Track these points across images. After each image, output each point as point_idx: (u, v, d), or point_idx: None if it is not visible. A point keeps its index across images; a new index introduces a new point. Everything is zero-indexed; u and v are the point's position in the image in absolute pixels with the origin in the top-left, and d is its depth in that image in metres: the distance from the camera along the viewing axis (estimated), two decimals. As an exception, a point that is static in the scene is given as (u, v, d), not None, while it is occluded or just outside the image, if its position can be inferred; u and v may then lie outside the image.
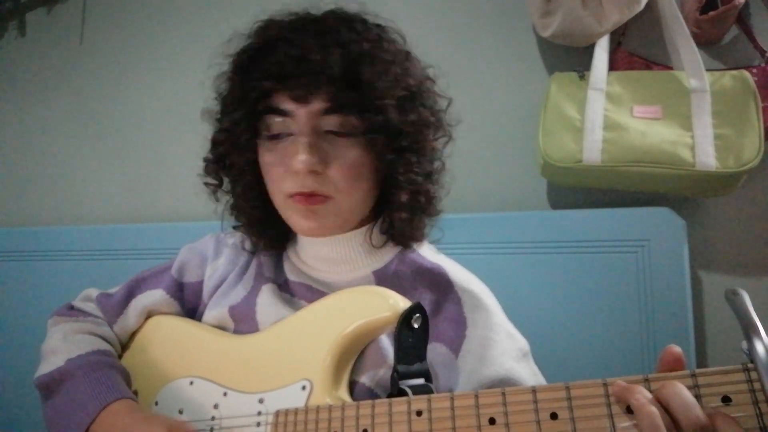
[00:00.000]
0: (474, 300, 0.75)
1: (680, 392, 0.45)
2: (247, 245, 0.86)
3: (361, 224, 0.79)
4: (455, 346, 0.72)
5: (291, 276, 0.82)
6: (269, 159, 0.74)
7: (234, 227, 0.85)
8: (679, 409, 0.44)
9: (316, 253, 0.81)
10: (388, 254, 0.80)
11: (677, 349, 0.49)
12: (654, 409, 0.45)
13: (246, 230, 0.84)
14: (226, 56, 0.77)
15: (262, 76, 0.70)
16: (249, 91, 0.71)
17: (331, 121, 0.71)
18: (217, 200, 0.83)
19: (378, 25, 0.77)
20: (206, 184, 0.82)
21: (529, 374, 0.72)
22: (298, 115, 0.71)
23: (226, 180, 0.82)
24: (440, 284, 0.77)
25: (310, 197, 0.71)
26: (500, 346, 0.71)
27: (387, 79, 0.69)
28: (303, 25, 0.72)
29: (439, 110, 0.79)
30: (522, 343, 0.75)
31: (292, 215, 0.75)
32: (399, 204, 0.74)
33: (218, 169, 0.80)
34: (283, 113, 0.71)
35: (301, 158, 0.68)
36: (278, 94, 0.71)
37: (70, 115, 1.71)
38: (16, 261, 1.58)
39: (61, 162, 1.72)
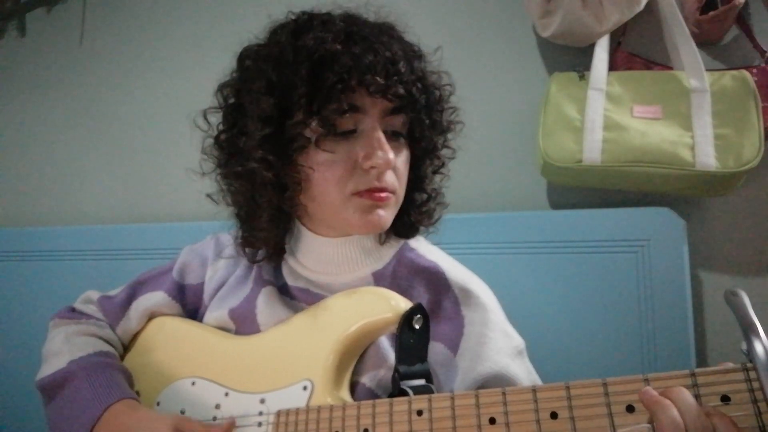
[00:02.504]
0: (471, 298, 0.75)
1: (686, 397, 0.46)
2: (248, 256, 0.82)
3: None
4: (454, 344, 0.73)
5: (289, 280, 0.82)
6: (328, 157, 0.70)
7: (236, 240, 0.82)
8: (686, 414, 0.45)
9: (319, 254, 0.79)
10: (386, 255, 0.80)
11: None
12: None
13: (251, 239, 0.80)
14: (252, 47, 0.75)
15: (356, 69, 0.67)
16: (334, 84, 0.66)
17: (396, 121, 0.73)
18: (229, 204, 0.80)
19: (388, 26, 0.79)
20: (207, 194, 0.80)
21: (523, 372, 0.72)
22: (370, 112, 0.70)
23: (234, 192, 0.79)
24: (438, 283, 0.77)
25: (381, 192, 0.71)
26: (495, 344, 0.72)
27: (439, 82, 0.77)
28: (369, 26, 0.73)
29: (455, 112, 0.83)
30: (518, 341, 0.75)
31: (354, 213, 0.71)
32: (427, 195, 0.81)
33: (248, 173, 0.73)
34: (357, 109, 0.69)
35: (386, 154, 0.69)
36: (358, 90, 0.68)
37: (70, 115, 1.71)
38: (16, 261, 1.58)
39: (61, 162, 1.72)
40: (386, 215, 0.73)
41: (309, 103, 0.67)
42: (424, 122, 0.74)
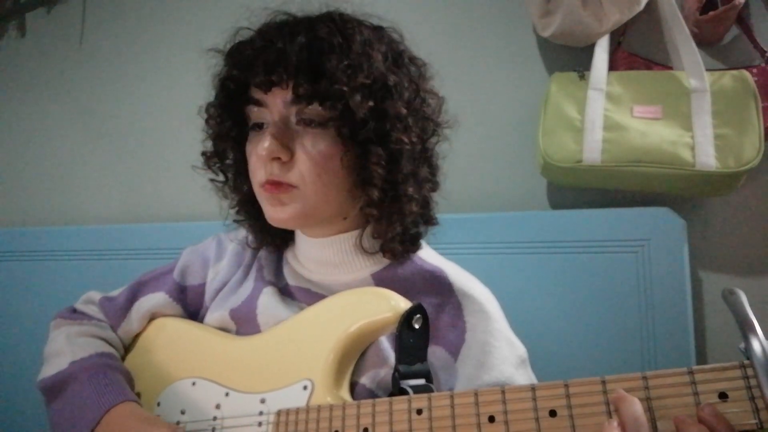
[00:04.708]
0: (474, 305, 0.75)
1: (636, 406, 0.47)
2: (251, 242, 0.86)
3: (354, 227, 0.79)
4: (454, 350, 0.73)
5: (290, 280, 0.82)
6: (248, 149, 0.76)
7: (235, 221, 0.85)
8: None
9: (309, 255, 0.81)
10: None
11: None
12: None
13: (249, 227, 0.84)
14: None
15: (234, 67, 0.73)
16: (227, 82, 0.74)
17: (298, 111, 0.71)
18: (226, 197, 0.83)
19: (372, 27, 0.76)
20: (212, 180, 0.82)
21: (526, 382, 0.73)
22: (269, 105, 0.72)
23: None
24: (441, 287, 0.77)
25: (275, 185, 0.71)
26: (500, 353, 0.72)
27: (350, 68, 0.68)
28: (284, 23, 0.74)
29: (425, 109, 0.76)
30: (521, 350, 0.75)
31: (264, 204, 0.75)
32: (371, 201, 0.72)
33: (217, 164, 0.81)
34: (257, 103, 0.73)
35: (264, 145, 0.69)
36: (253, 86, 0.72)
37: (70, 115, 1.71)
38: (16, 261, 1.58)
39: (61, 162, 1.72)
40: (290, 209, 0.72)
41: (220, 98, 0.77)
42: (335, 110, 0.69)
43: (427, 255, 0.82)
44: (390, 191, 0.72)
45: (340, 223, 0.78)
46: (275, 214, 0.74)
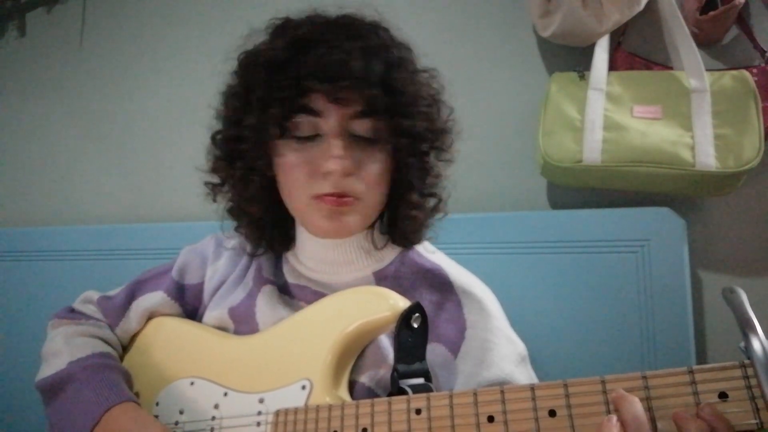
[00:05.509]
0: (474, 302, 0.76)
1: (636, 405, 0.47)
2: (248, 248, 0.84)
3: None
4: (454, 347, 0.73)
5: (290, 278, 0.82)
6: (293, 160, 0.73)
7: (236, 229, 0.84)
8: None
9: (318, 255, 0.81)
10: (388, 255, 0.81)
11: None
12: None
13: (248, 232, 0.83)
14: (241, 52, 0.77)
15: (302, 74, 0.69)
16: (283, 88, 0.69)
17: (362, 125, 0.71)
18: (215, 200, 0.82)
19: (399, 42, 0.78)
20: (206, 183, 0.81)
21: (526, 379, 0.73)
22: (330, 117, 0.71)
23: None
24: (441, 285, 0.78)
25: (340, 198, 0.71)
26: (500, 350, 0.72)
27: (416, 85, 0.73)
28: (335, 27, 0.72)
29: (448, 119, 0.80)
30: (521, 348, 0.76)
31: (314, 216, 0.74)
32: (412, 204, 0.76)
33: (227, 168, 0.78)
34: (315, 113, 0.71)
35: (339, 160, 0.69)
36: (313, 94, 0.70)
37: (70, 115, 1.71)
38: (16, 261, 1.58)
39: (61, 162, 1.72)
40: (351, 220, 0.73)
41: (261, 108, 0.71)
42: (392, 127, 0.72)
43: (427, 253, 0.83)
44: (426, 194, 0.79)
45: (370, 224, 0.79)
46: (331, 224, 0.73)
